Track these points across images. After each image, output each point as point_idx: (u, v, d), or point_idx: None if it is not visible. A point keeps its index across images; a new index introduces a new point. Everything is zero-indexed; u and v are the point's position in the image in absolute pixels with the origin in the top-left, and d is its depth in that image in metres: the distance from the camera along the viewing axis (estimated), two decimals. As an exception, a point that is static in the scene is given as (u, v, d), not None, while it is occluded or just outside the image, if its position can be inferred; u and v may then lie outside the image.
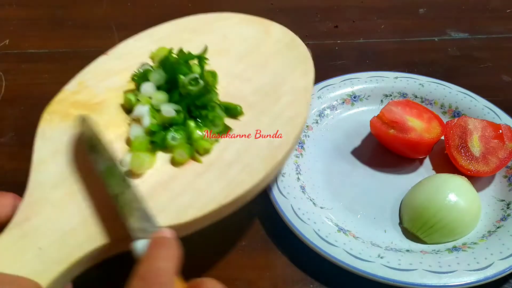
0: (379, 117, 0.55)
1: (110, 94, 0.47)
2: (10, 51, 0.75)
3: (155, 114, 0.44)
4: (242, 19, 0.59)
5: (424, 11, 0.84)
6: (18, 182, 0.55)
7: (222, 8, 0.86)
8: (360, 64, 0.71)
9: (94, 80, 0.49)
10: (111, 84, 0.48)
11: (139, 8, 0.85)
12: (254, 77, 0.51)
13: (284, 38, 0.56)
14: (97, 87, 0.48)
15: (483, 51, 0.74)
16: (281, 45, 0.55)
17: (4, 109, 0.64)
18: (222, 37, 0.56)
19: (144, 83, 0.46)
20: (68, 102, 0.46)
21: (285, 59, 0.53)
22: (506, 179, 0.53)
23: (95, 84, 0.48)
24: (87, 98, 0.47)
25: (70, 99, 0.46)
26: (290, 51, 0.54)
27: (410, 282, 0.42)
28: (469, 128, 0.54)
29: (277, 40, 0.56)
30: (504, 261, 0.43)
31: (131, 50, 0.53)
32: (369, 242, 0.46)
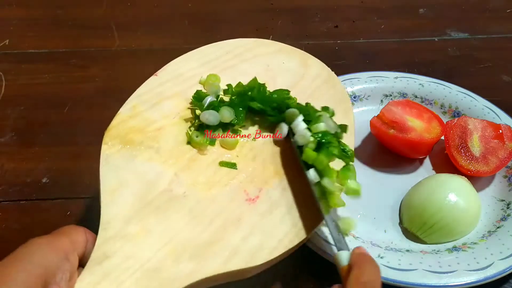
0: (379, 117, 0.55)
1: (166, 121, 0.46)
2: (10, 51, 0.75)
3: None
4: (282, 49, 0.58)
5: (424, 11, 0.84)
6: (18, 182, 0.55)
7: (223, 8, 0.86)
8: (360, 64, 0.71)
9: (147, 104, 0.47)
10: (165, 109, 0.47)
11: (139, 8, 0.86)
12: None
13: (322, 73, 0.56)
14: (152, 112, 0.47)
15: (483, 51, 0.74)
16: (320, 81, 0.54)
17: (4, 109, 0.64)
18: (265, 66, 0.55)
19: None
20: (126, 127, 0.45)
21: (325, 96, 0.53)
22: (506, 179, 0.53)
23: (149, 109, 0.47)
24: (144, 124, 0.45)
25: (126, 124, 0.45)
26: (329, 88, 0.54)
27: (410, 282, 0.42)
28: (469, 128, 0.54)
29: (316, 75, 0.55)
30: (504, 261, 0.43)
31: (181, 72, 0.52)
32: (369, 242, 0.46)
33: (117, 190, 0.40)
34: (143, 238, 0.37)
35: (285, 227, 0.40)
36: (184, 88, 0.50)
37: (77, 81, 0.69)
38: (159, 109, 0.47)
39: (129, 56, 0.74)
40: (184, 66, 0.53)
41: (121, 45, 0.76)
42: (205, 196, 0.41)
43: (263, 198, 0.42)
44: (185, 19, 0.82)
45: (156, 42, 0.77)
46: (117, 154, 0.42)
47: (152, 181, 0.41)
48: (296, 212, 0.42)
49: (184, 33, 0.79)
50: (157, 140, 0.44)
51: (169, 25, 0.81)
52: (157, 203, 0.40)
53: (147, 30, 0.80)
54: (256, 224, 0.40)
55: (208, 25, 0.81)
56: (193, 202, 0.41)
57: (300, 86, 0.53)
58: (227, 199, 0.42)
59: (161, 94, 0.49)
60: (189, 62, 0.53)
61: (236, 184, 0.43)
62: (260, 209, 0.41)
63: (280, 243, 0.39)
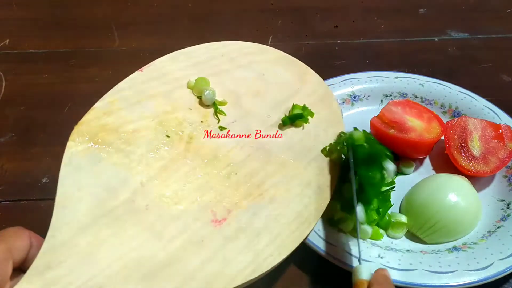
0: (379, 117, 0.55)
1: (142, 123, 0.43)
2: (10, 51, 0.75)
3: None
4: (280, 58, 0.55)
5: (424, 11, 0.84)
6: (18, 182, 0.55)
7: (223, 8, 0.86)
8: (360, 64, 0.71)
9: (127, 101, 0.44)
10: (145, 110, 0.44)
11: (139, 8, 0.86)
12: (289, 131, 0.48)
13: (319, 90, 0.53)
14: (130, 111, 0.43)
15: (483, 51, 0.74)
16: (315, 99, 0.51)
17: (4, 109, 0.64)
18: (260, 75, 0.52)
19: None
20: (98, 123, 0.41)
21: (318, 115, 0.50)
22: (506, 179, 0.53)
23: (127, 107, 0.43)
24: (119, 123, 0.42)
25: (100, 120, 0.41)
26: (324, 108, 0.51)
27: (410, 282, 0.42)
28: (469, 128, 0.54)
29: (312, 91, 0.52)
30: (504, 261, 0.43)
31: (168, 71, 0.48)
32: (369, 242, 0.46)
33: (75, 194, 0.36)
34: (94, 251, 0.34)
35: (248, 257, 0.37)
36: (169, 89, 0.47)
37: (77, 81, 0.69)
38: (138, 109, 0.44)
39: (129, 56, 0.74)
40: (172, 65, 0.49)
41: (121, 45, 0.76)
42: (169, 212, 0.38)
43: (231, 221, 0.39)
44: (185, 19, 0.82)
45: (156, 42, 0.76)
46: (83, 154, 0.39)
47: (115, 189, 0.38)
48: (263, 241, 0.38)
49: (184, 33, 0.79)
50: (129, 143, 0.41)
51: (169, 25, 0.81)
52: (116, 213, 0.36)
53: (147, 30, 0.80)
54: (219, 250, 0.37)
55: (208, 25, 0.81)
56: (155, 217, 0.37)
57: (294, 101, 0.50)
58: (192, 217, 0.38)
59: (143, 93, 0.45)
60: (178, 61, 0.50)
61: (204, 203, 0.40)
62: (225, 233, 0.38)
63: (239, 274, 0.36)
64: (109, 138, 0.40)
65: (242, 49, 0.55)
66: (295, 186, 0.43)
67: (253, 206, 0.41)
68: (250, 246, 0.38)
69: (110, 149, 0.40)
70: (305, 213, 0.42)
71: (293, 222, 0.41)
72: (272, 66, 0.54)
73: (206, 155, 0.43)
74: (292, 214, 0.41)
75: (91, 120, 0.41)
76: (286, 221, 0.40)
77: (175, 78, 0.48)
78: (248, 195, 0.41)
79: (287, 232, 0.40)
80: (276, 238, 0.39)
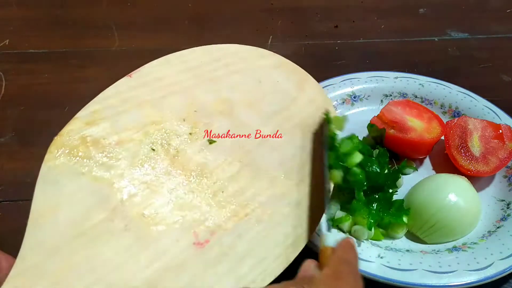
0: (379, 117, 0.55)
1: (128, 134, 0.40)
2: (10, 51, 0.75)
3: None
4: (279, 64, 0.52)
5: (424, 11, 0.84)
6: (18, 182, 0.55)
7: (223, 8, 0.86)
8: (360, 64, 0.71)
9: (112, 110, 0.41)
10: (131, 120, 0.41)
11: (139, 8, 0.85)
12: (282, 145, 0.44)
13: (317, 99, 0.50)
14: (114, 121, 0.40)
15: (483, 51, 0.74)
16: (312, 109, 0.48)
17: (4, 109, 0.64)
18: (257, 82, 0.49)
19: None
20: (79, 135, 0.39)
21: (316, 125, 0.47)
22: (506, 179, 0.53)
23: (112, 117, 0.41)
24: (102, 134, 0.39)
25: (81, 132, 0.39)
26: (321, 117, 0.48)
27: (410, 282, 0.42)
28: (469, 128, 0.54)
29: (309, 100, 0.49)
30: (504, 261, 0.43)
31: (159, 76, 0.45)
32: (369, 242, 0.46)
33: (50, 211, 0.34)
34: (67, 275, 0.32)
35: (229, 283, 0.35)
36: (158, 97, 0.44)
37: (77, 81, 0.69)
38: (123, 119, 0.41)
39: (129, 56, 0.74)
40: (163, 70, 0.46)
41: (121, 45, 0.76)
42: (149, 233, 0.36)
43: (214, 244, 0.37)
44: (185, 19, 0.82)
45: (156, 42, 0.76)
46: (61, 168, 0.36)
47: (94, 206, 0.35)
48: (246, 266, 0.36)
49: (184, 33, 0.79)
50: (112, 156, 0.39)
51: (169, 25, 0.81)
52: (93, 234, 0.34)
53: (147, 30, 0.79)
54: (198, 275, 0.35)
55: (208, 25, 0.81)
56: (134, 239, 0.35)
57: (288, 112, 0.47)
58: (173, 239, 0.36)
59: (130, 101, 0.42)
60: (170, 66, 0.47)
61: (187, 223, 0.37)
62: (207, 256, 0.36)
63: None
64: (90, 152, 0.38)
65: (239, 53, 0.51)
66: (284, 205, 0.40)
67: (238, 228, 0.38)
68: (232, 271, 0.36)
69: (90, 163, 0.38)
70: (292, 236, 0.39)
71: (279, 246, 0.38)
72: (270, 72, 0.51)
73: (192, 171, 0.40)
74: (279, 236, 0.39)
75: (71, 131, 0.39)
76: (272, 245, 0.38)
77: (166, 84, 0.45)
78: (234, 215, 0.39)
79: (272, 257, 0.37)
80: (260, 262, 0.37)
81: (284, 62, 0.53)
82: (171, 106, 0.44)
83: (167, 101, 0.44)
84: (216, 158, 0.42)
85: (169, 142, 0.41)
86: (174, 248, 0.36)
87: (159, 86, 0.45)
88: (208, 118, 0.44)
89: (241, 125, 0.45)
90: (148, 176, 0.39)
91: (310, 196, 0.42)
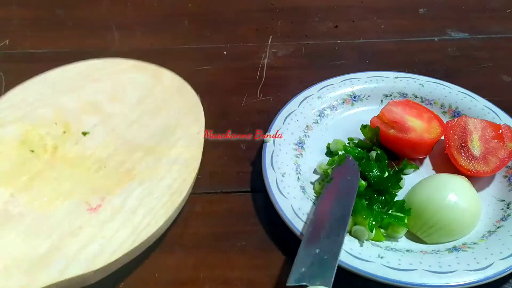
0: (379, 117, 0.55)
1: (5, 146, 0.48)
2: (10, 51, 0.75)
3: None
4: (134, 66, 0.62)
5: (424, 11, 0.84)
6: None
7: (223, 8, 0.86)
8: (360, 64, 0.71)
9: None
10: (5, 135, 0.49)
11: (139, 8, 0.86)
12: (151, 122, 0.55)
13: (174, 84, 0.60)
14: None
15: (483, 51, 0.74)
16: (172, 91, 0.59)
17: (4, 109, 0.64)
18: (116, 82, 0.59)
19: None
20: None
21: (177, 104, 0.57)
22: (506, 179, 0.53)
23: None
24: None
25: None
26: (180, 96, 0.59)
27: (410, 282, 0.42)
28: (469, 128, 0.54)
29: (168, 85, 0.60)
30: (504, 261, 0.43)
31: (24, 97, 0.54)
32: (369, 242, 0.46)
33: None
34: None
35: (127, 231, 0.43)
36: (27, 111, 0.52)
37: (77, 81, 0.69)
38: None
39: (129, 56, 0.74)
40: (27, 91, 0.55)
41: (121, 45, 0.76)
42: (43, 213, 0.43)
43: (106, 207, 0.45)
44: (185, 19, 0.82)
45: (156, 42, 0.76)
46: None
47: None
48: (139, 215, 0.44)
49: (184, 33, 0.79)
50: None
51: (169, 25, 0.81)
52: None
53: (147, 30, 0.80)
54: (97, 232, 0.42)
55: (208, 25, 0.81)
56: (29, 220, 0.42)
57: (151, 97, 0.58)
58: (66, 212, 0.43)
59: (2, 120, 0.51)
60: (34, 86, 0.56)
61: (77, 198, 0.45)
62: (101, 217, 0.44)
63: (120, 246, 0.41)
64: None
65: (95, 65, 0.62)
66: (163, 164, 0.50)
67: (125, 190, 0.47)
68: (127, 222, 0.44)
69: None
70: (174, 185, 0.48)
71: (164, 195, 0.47)
72: (126, 73, 0.61)
73: (73, 159, 0.49)
74: (163, 189, 0.47)
75: None
76: (158, 195, 0.47)
77: (32, 101, 0.53)
78: (119, 182, 0.47)
79: (160, 204, 0.46)
80: (151, 210, 0.45)
81: (138, 64, 0.63)
82: (40, 117, 0.52)
83: (35, 113, 0.52)
84: (92, 145, 0.51)
85: (45, 143, 0.50)
86: (68, 218, 0.43)
87: (26, 103, 0.53)
88: (77, 118, 0.53)
89: (109, 116, 0.54)
90: (31, 172, 0.47)
91: (185, 153, 0.51)
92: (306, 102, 0.59)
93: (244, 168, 0.55)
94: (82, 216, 0.44)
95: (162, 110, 0.57)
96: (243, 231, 0.49)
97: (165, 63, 0.65)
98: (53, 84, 0.56)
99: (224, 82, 0.68)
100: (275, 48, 0.75)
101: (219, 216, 0.50)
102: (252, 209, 0.51)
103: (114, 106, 0.56)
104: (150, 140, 0.53)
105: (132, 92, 0.58)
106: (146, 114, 0.56)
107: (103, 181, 0.47)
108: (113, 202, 0.45)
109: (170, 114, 0.56)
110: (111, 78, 0.59)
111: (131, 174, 0.49)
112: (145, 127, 0.54)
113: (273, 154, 0.53)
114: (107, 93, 0.57)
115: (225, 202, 0.51)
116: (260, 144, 0.56)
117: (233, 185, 0.53)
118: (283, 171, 0.51)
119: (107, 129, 0.53)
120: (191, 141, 0.53)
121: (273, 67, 0.71)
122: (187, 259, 0.46)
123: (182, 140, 0.53)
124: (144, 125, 0.54)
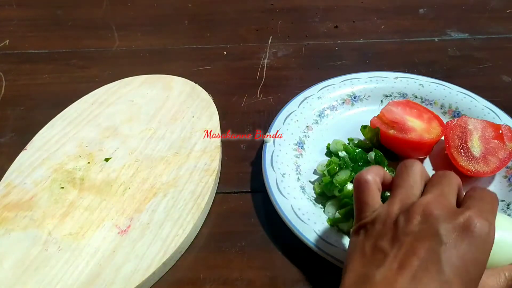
0: (379, 117, 0.55)
1: (38, 188, 0.50)
2: (10, 51, 0.75)
3: None
4: (145, 81, 0.65)
5: (424, 11, 0.84)
6: (18, 182, 0.55)
7: (223, 8, 0.86)
8: (360, 64, 0.71)
9: (19, 178, 0.52)
10: (37, 177, 0.52)
11: (139, 8, 0.86)
12: (167, 134, 0.57)
13: (184, 89, 0.63)
14: (24, 185, 0.51)
15: (483, 51, 0.74)
16: (184, 96, 0.62)
17: (4, 109, 0.64)
18: (130, 102, 0.61)
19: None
20: (0, 206, 0.49)
21: (189, 109, 0.60)
22: (506, 179, 0.53)
23: (22, 181, 0.51)
24: (18, 197, 0.49)
25: (1, 203, 0.49)
26: (193, 101, 0.61)
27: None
28: (469, 128, 0.54)
29: (179, 92, 0.63)
30: (504, 261, 0.43)
31: (48, 138, 0.57)
32: (369, 242, 0.46)
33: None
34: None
35: (157, 245, 0.45)
36: (51, 152, 0.55)
37: (77, 81, 0.69)
38: (30, 179, 0.51)
39: (129, 56, 0.74)
40: (49, 133, 0.57)
41: (121, 45, 0.76)
42: (79, 244, 0.45)
43: (135, 225, 0.47)
44: (185, 19, 0.82)
45: (156, 42, 0.77)
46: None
47: (28, 247, 0.45)
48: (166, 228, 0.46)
49: (184, 33, 0.79)
50: (31, 208, 0.48)
51: (169, 25, 0.81)
52: (35, 265, 0.43)
53: (147, 30, 0.80)
54: (130, 252, 0.44)
55: (208, 25, 0.81)
56: (68, 253, 0.44)
57: (164, 108, 0.60)
58: (100, 238, 0.45)
59: (31, 165, 0.53)
60: (54, 127, 0.58)
61: (108, 222, 0.47)
62: (132, 237, 0.46)
63: (152, 262, 0.43)
64: (11, 214, 0.48)
65: (109, 90, 0.64)
66: (183, 173, 0.52)
67: (150, 206, 0.49)
68: (156, 236, 0.46)
69: (15, 219, 0.47)
70: (198, 189, 0.50)
71: (189, 202, 0.48)
72: (138, 90, 0.64)
73: (100, 186, 0.51)
74: (187, 195, 0.49)
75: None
76: (183, 203, 0.48)
77: (54, 142, 0.56)
78: (144, 199, 0.49)
79: (186, 212, 0.48)
80: (177, 220, 0.47)
81: (148, 78, 0.65)
82: (65, 153, 0.55)
83: (60, 152, 0.55)
84: (115, 169, 0.53)
85: (73, 177, 0.52)
86: (104, 244, 0.45)
87: (49, 145, 0.56)
88: (99, 147, 0.56)
89: (127, 137, 0.57)
90: (64, 207, 0.49)
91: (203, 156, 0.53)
92: (306, 102, 0.59)
93: (244, 168, 0.55)
94: (114, 239, 0.45)
95: (176, 119, 0.59)
96: (243, 231, 0.49)
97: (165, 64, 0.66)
98: (73, 119, 0.59)
99: (224, 83, 0.68)
100: (275, 48, 0.75)
101: (219, 216, 0.50)
102: (252, 209, 0.51)
103: (131, 126, 0.58)
104: (169, 151, 0.55)
105: (146, 109, 0.60)
106: (161, 126, 0.58)
107: (130, 201, 0.49)
108: (141, 220, 0.47)
109: (185, 121, 0.58)
110: (124, 100, 0.62)
111: (155, 188, 0.50)
112: (163, 140, 0.56)
113: (273, 154, 0.53)
114: (123, 115, 0.59)
115: (225, 202, 0.52)
116: (260, 144, 0.56)
117: (233, 185, 0.53)
118: (283, 171, 0.51)
119: (127, 151, 0.55)
120: (207, 143, 0.55)
121: (273, 67, 0.71)
122: (187, 259, 0.46)
123: (198, 145, 0.55)
124: (161, 138, 0.56)
